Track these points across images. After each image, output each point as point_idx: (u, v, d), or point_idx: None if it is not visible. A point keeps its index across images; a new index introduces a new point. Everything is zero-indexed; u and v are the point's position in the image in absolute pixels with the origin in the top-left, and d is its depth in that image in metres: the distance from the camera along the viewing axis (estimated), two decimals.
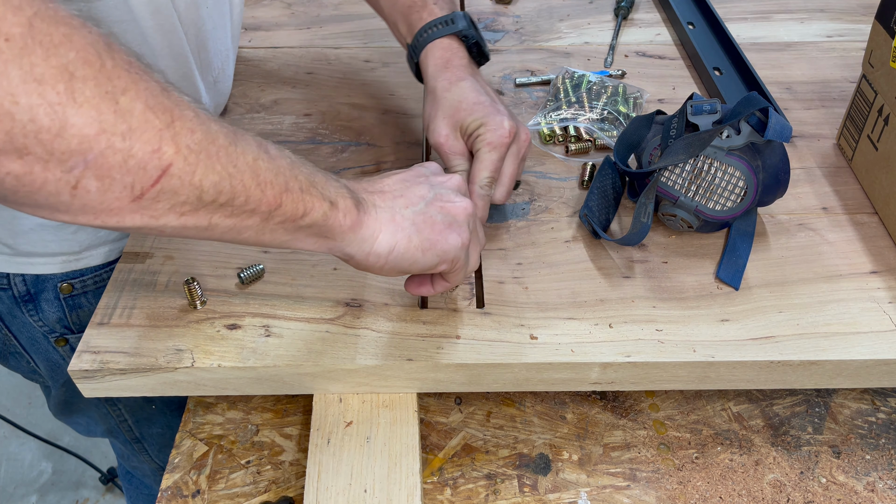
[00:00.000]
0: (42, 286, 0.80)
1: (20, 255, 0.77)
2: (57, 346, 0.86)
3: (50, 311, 0.82)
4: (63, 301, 0.82)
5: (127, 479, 1.28)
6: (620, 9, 1.12)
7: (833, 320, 0.66)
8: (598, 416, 0.70)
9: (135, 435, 1.03)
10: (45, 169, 0.39)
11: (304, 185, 0.51)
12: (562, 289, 0.69)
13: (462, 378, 0.64)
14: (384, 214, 0.56)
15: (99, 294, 0.82)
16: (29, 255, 0.78)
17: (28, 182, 0.39)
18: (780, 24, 1.11)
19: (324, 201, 0.52)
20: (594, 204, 0.75)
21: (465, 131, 0.70)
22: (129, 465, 1.20)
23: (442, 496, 0.64)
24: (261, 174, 0.47)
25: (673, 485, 0.64)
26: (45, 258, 0.78)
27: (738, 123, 0.70)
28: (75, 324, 0.85)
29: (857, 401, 0.71)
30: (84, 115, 0.38)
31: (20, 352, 0.88)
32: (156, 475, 1.16)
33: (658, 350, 0.63)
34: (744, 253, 0.72)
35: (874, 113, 0.77)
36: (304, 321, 0.66)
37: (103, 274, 0.82)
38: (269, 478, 0.65)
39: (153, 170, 0.42)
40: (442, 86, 0.72)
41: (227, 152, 0.46)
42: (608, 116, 0.89)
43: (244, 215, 0.48)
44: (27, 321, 0.83)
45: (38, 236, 0.77)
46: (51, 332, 0.84)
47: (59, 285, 0.81)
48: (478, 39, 0.76)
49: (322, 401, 0.66)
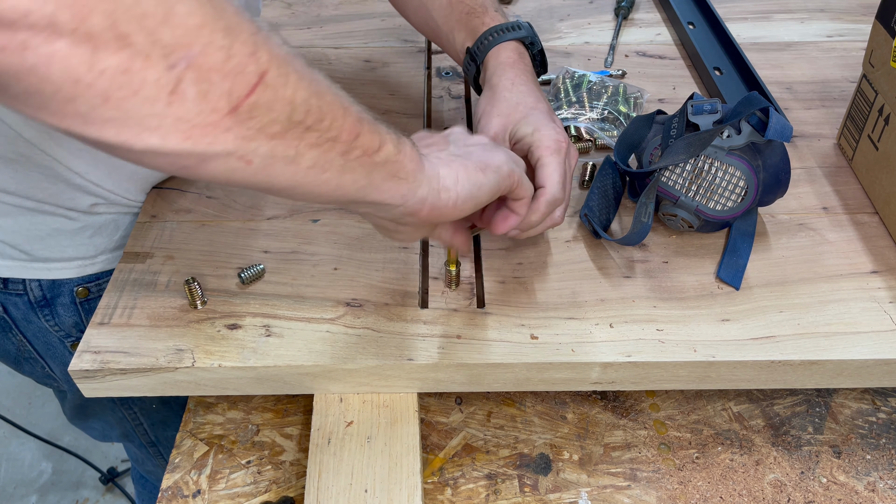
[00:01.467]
0: (58, 291, 0.80)
1: (36, 261, 0.77)
2: (73, 351, 0.86)
3: (66, 316, 0.82)
4: (79, 305, 0.82)
5: (140, 484, 1.28)
6: (621, 9, 1.12)
7: (833, 320, 0.66)
8: (598, 415, 0.70)
9: (150, 438, 1.03)
10: (146, 64, 0.34)
11: (369, 119, 0.48)
12: (562, 288, 0.69)
13: (462, 378, 0.64)
14: (431, 155, 0.55)
15: None
16: (45, 260, 0.78)
17: (125, 83, 0.34)
18: (781, 24, 1.11)
19: (391, 135, 0.49)
20: (595, 204, 0.75)
21: (514, 135, 0.68)
22: (143, 470, 1.20)
23: (442, 496, 0.64)
24: (340, 98, 0.45)
25: (673, 485, 0.64)
26: (62, 263, 0.78)
27: (738, 123, 0.70)
28: None
29: (857, 401, 0.71)
30: (187, 4, 0.35)
31: (35, 357, 0.88)
32: None
33: (659, 350, 0.63)
34: (744, 253, 0.72)
35: (874, 113, 0.77)
36: (304, 321, 0.66)
37: None
38: (270, 478, 0.65)
39: (251, 75, 0.38)
40: (504, 84, 0.70)
41: (308, 71, 0.43)
42: (608, 116, 0.89)
43: (328, 144, 0.44)
44: (43, 326, 0.83)
45: (54, 241, 0.77)
46: (67, 336, 0.84)
47: (76, 289, 0.80)
48: (541, 48, 0.76)
49: (322, 401, 0.66)
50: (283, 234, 0.75)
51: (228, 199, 0.79)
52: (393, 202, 0.51)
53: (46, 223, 0.75)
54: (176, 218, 0.77)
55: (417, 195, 0.52)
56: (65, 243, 0.77)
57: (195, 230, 0.75)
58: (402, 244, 0.72)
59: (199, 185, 0.81)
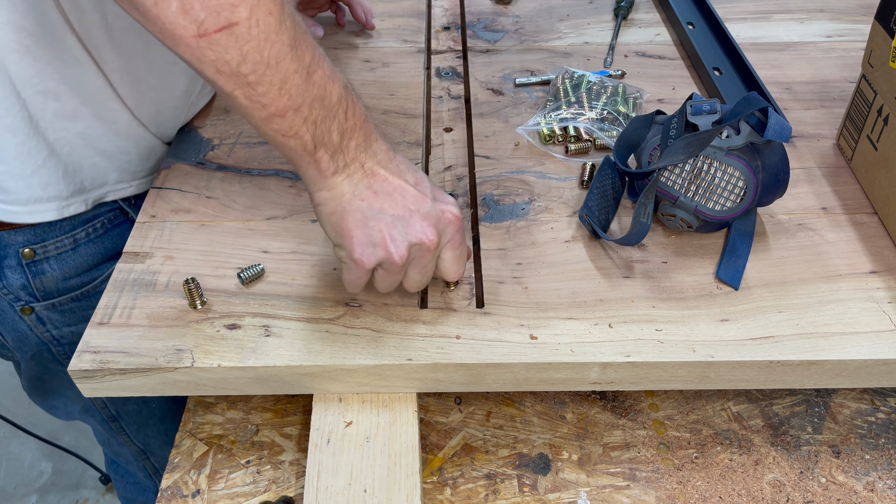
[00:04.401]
0: (4, 252, 0.80)
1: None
2: (23, 315, 0.86)
3: (13, 278, 0.82)
4: (26, 267, 0.82)
5: (113, 469, 1.27)
6: (620, 9, 1.12)
7: (833, 320, 0.66)
8: (597, 415, 0.70)
9: (111, 413, 1.02)
10: None
11: (320, 126, 0.56)
12: (561, 289, 0.69)
13: (462, 378, 0.64)
14: (353, 199, 0.59)
15: (61, 260, 0.83)
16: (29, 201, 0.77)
17: None
18: (780, 24, 1.11)
19: (314, 148, 0.57)
20: (594, 204, 0.75)
21: None
22: (112, 452, 1.19)
23: (442, 496, 0.64)
24: (289, 83, 0.53)
25: (672, 484, 0.64)
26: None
27: (737, 123, 0.70)
28: (39, 291, 0.84)
29: (856, 401, 0.71)
30: None
31: None
32: (138, 461, 1.15)
33: (658, 350, 0.63)
34: (743, 253, 0.72)
35: (874, 113, 0.78)
36: (303, 321, 0.66)
37: (64, 240, 0.82)
38: (269, 477, 0.65)
39: (223, 20, 0.49)
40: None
41: (281, 48, 0.52)
42: (608, 116, 0.89)
43: (256, 105, 0.54)
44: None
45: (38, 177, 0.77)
46: (16, 300, 0.84)
47: (21, 251, 0.81)
48: None
49: (322, 401, 0.66)
50: (282, 234, 0.75)
51: (228, 199, 0.79)
52: (307, 182, 0.59)
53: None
54: (175, 218, 0.77)
55: (315, 197, 0.60)
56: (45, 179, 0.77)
57: (195, 230, 0.75)
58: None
59: (199, 185, 0.81)
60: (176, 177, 0.82)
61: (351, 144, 0.58)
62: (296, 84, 0.54)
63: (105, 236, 0.86)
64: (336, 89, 0.57)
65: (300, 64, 0.54)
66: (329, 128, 0.57)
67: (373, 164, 0.60)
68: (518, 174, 0.83)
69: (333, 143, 0.57)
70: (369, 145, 0.60)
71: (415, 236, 0.59)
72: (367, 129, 0.60)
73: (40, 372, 0.95)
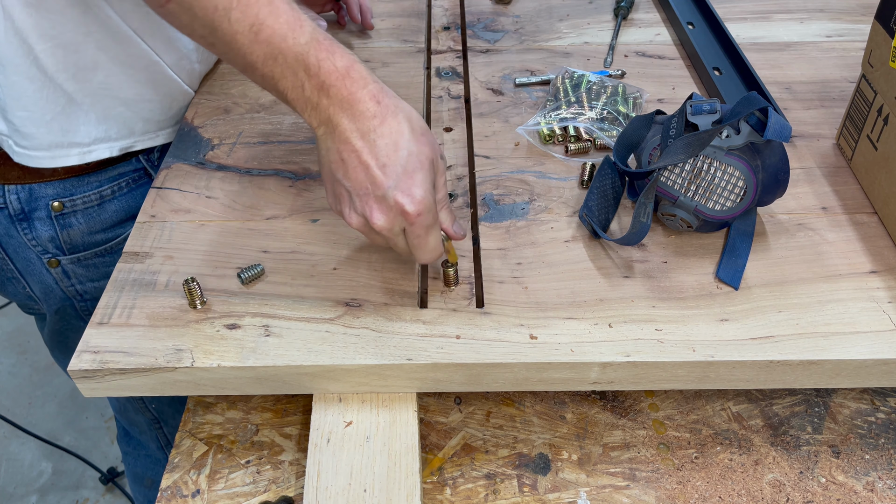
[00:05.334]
0: (35, 204, 0.83)
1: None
2: (50, 268, 0.89)
3: (42, 230, 0.85)
4: (55, 220, 0.85)
5: (125, 441, 1.28)
6: (620, 9, 1.12)
7: (832, 320, 0.66)
8: (597, 415, 0.70)
9: None
10: None
11: (282, 81, 0.61)
12: (561, 288, 0.69)
13: (462, 378, 0.64)
14: (327, 154, 0.62)
15: (88, 214, 0.86)
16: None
17: None
18: (780, 24, 1.11)
19: (288, 101, 0.62)
20: (594, 204, 0.75)
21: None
22: (126, 421, 1.20)
23: (441, 496, 0.64)
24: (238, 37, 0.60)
25: (672, 484, 0.64)
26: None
27: (737, 123, 0.70)
28: (66, 244, 0.88)
29: (856, 401, 0.71)
30: None
31: (17, 277, 0.91)
32: (151, 430, 1.16)
33: (657, 350, 0.63)
34: (743, 253, 0.72)
35: (874, 113, 0.78)
36: (303, 321, 0.66)
37: (91, 195, 0.86)
38: (269, 477, 0.65)
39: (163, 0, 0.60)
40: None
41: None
42: (608, 116, 0.89)
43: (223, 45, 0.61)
44: (22, 241, 0.86)
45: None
46: (44, 251, 0.87)
47: (51, 204, 0.84)
48: None
49: (322, 400, 0.66)
50: (282, 234, 0.75)
51: (228, 199, 0.79)
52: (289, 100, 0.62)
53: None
54: (175, 218, 0.77)
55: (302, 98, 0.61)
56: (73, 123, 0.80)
57: (195, 230, 0.75)
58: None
59: (199, 185, 0.81)
60: (176, 177, 0.82)
61: (322, 102, 0.59)
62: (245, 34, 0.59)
63: (129, 194, 0.89)
64: (295, 45, 0.59)
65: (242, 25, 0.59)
66: (294, 84, 0.60)
67: (347, 128, 0.60)
68: (518, 174, 0.83)
69: (304, 99, 0.60)
70: (350, 105, 0.59)
71: (365, 213, 0.61)
72: (345, 87, 0.59)
73: (63, 327, 0.98)
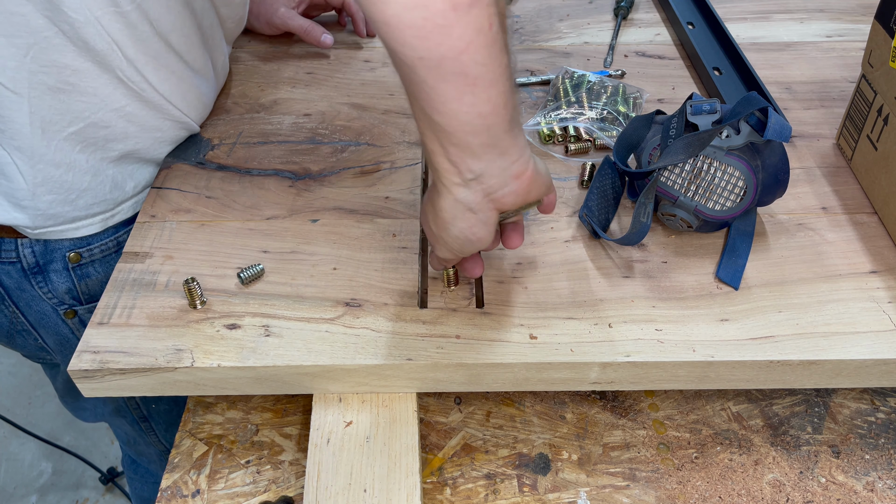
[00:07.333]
0: (51, 256, 0.81)
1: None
2: (66, 319, 0.87)
3: (59, 282, 0.83)
4: (72, 271, 0.83)
5: (132, 469, 1.27)
6: (620, 9, 1.12)
7: (832, 320, 0.66)
8: (597, 415, 0.70)
9: (142, 413, 1.03)
10: None
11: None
12: (561, 288, 0.69)
13: (462, 378, 0.64)
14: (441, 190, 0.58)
15: (106, 263, 0.84)
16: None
17: None
18: (780, 24, 1.11)
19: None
20: (594, 204, 0.75)
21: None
22: (135, 452, 1.20)
23: (441, 496, 0.64)
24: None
25: (672, 484, 0.64)
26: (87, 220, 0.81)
27: (737, 123, 0.70)
28: (84, 294, 0.86)
29: (856, 401, 0.71)
30: None
31: (28, 329, 0.89)
32: (161, 460, 1.16)
33: (657, 350, 0.63)
34: (743, 253, 0.72)
35: (874, 113, 0.78)
36: (303, 321, 0.66)
37: (109, 243, 0.84)
38: (269, 477, 0.65)
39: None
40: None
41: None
42: (608, 116, 0.89)
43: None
44: (36, 294, 0.84)
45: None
46: (60, 303, 0.85)
47: (68, 255, 0.82)
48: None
49: (322, 400, 0.66)
50: (282, 233, 0.75)
51: (228, 199, 0.79)
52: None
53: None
54: (175, 218, 0.77)
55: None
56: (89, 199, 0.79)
57: (195, 230, 0.75)
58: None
59: (199, 185, 0.81)
60: (176, 177, 0.82)
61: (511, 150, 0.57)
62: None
63: None
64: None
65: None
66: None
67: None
68: None
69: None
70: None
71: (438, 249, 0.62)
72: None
73: None
